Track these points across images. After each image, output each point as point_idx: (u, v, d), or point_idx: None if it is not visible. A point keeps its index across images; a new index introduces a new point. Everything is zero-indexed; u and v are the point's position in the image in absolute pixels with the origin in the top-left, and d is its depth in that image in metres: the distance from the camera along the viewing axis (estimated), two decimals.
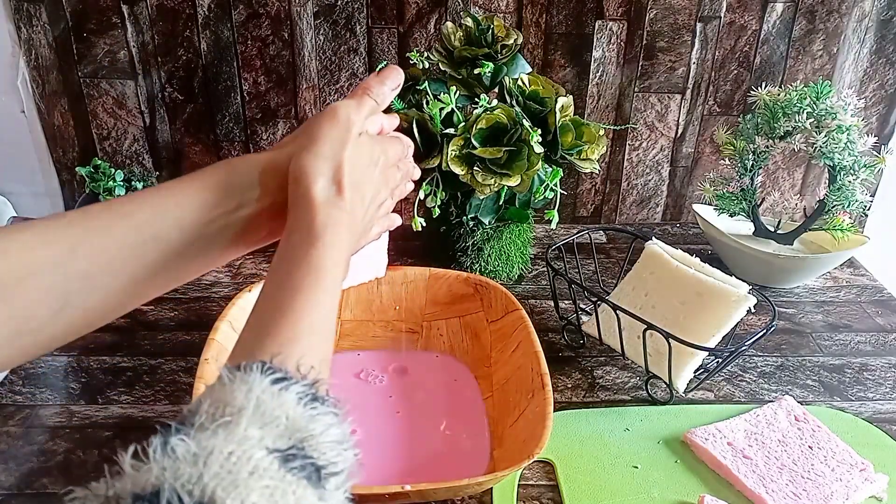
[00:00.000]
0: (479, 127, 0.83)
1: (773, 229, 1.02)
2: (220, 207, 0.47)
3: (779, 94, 0.94)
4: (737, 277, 0.80)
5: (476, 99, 0.87)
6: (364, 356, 0.84)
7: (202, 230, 0.47)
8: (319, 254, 0.44)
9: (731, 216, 1.02)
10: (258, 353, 0.39)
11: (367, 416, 0.76)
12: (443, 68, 0.91)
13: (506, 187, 0.85)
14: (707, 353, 0.76)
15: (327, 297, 0.43)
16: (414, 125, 0.84)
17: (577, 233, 0.94)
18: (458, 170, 0.83)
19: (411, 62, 0.91)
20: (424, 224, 0.88)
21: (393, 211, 0.59)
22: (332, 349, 0.44)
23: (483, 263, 0.98)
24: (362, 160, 0.50)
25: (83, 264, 0.43)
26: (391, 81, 0.54)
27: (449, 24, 0.92)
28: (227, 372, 0.36)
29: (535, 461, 0.69)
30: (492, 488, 0.67)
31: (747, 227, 1.04)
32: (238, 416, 0.33)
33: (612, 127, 1.12)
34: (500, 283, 0.87)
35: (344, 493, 0.35)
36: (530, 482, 0.69)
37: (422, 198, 0.86)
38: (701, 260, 0.83)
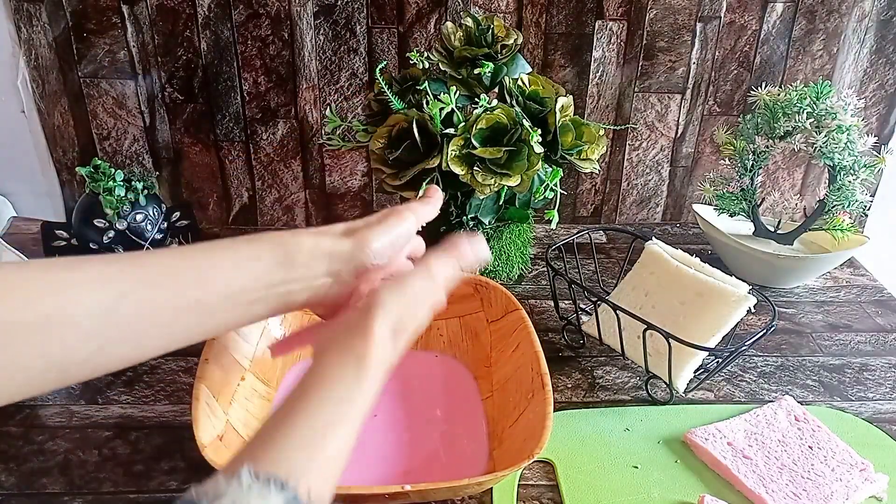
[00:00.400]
0: (479, 127, 0.83)
1: (773, 229, 1.02)
2: (265, 280, 0.49)
3: (779, 94, 0.94)
4: (737, 277, 0.80)
5: (476, 99, 0.87)
6: None
7: (244, 299, 0.48)
8: (362, 389, 0.45)
9: (731, 216, 1.02)
10: (278, 462, 0.40)
11: (367, 416, 0.76)
12: (443, 68, 0.91)
13: (506, 187, 0.85)
14: (707, 353, 0.76)
15: (354, 428, 0.45)
16: (414, 125, 0.84)
17: (577, 233, 0.94)
18: (458, 170, 0.83)
19: (411, 62, 0.91)
20: (425, 224, 0.88)
21: None
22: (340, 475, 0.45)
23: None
24: (423, 313, 0.51)
25: (127, 314, 0.43)
26: (480, 251, 0.56)
27: (449, 24, 0.92)
28: (248, 478, 0.36)
29: (535, 461, 0.69)
30: (492, 488, 0.67)
31: (747, 227, 1.04)
32: None
33: (612, 127, 1.12)
34: (500, 283, 0.87)
35: None
36: (530, 482, 0.69)
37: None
38: (701, 260, 0.83)
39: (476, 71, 0.88)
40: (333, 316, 0.55)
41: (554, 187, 0.89)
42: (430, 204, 0.59)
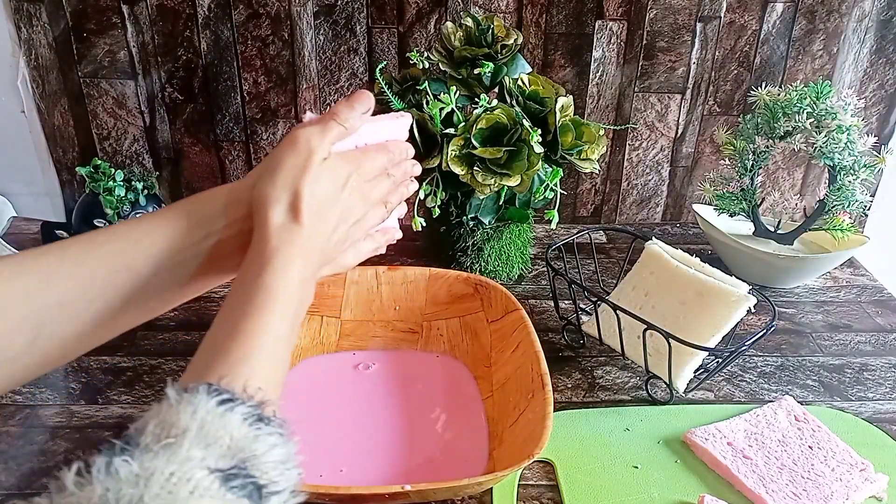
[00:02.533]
0: (479, 127, 0.83)
1: (773, 229, 1.02)
2: (188, 237, 0.49)
3: (779, 94, 0.94)
4: (737, 277, 0.80)
5: (476, 99, 0.87)
6: (364, 356, 0.84)
7: (172, 259, 0.48)
8: (270, 277, 0.45)
9: (731, 216, 1.02)
10: (207, 374, 0.40)
11: (367, 416, 0.76)
12: (443, 68, 0.91)
13: (506, 187, 0.85)
14: (707, 353, 0.76)
15: (278, 320, 0.44)
16: (414, 125, 0.84)
17: (577, 233, 0.94)
18: (458, 170, 0.83)
19: (411, 62, 0.91)
20: (424, 224, 0.88)
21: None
22: (286, 370, 0.45)
23: (483, 263, 0.98)
24: (324, 185, 0.50)
25: (56, 294, 0.44)
26: (360, 105, 0.54)
27: (449, 24, 0.92)
28: (175, 393, 0.37)
29: (535, 461, 0.69)
30: (492, 488, 0.67)
31: (747, 227, 1.04)
32: (181, 437, 0.34)
33: (612, 127, 1.12)
34: (500, 283, 0.87)
35: None
36: (530, 482, 0.69)
37: (422, 198, 0.86)
38: (701, 260, 0.83)
39: (476, 71, 0.88)
40: None
41: (554, 187, 0.89)
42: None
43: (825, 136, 0.89)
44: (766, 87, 0.96)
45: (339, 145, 0.53)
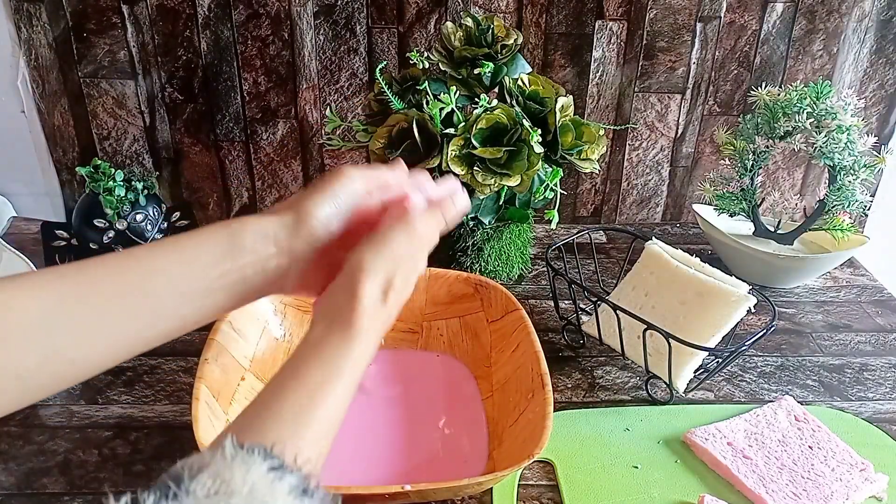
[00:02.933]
0: (479, 127, 0.83)
1: (773, 229, 1.02)
2: (211, 268, 0.48)
3: (779, 94, 0.94)
4: (737, 277, 0.80)
5: (476, 99, 0.87)
6: None
7: (192, 288, 0.47)
8: (351, 356, 0.45)
9: (731, 216, 1.02)
10: (264, 432, 0.40)
11: (367, 416, 0.76)
12: (443, 68, 0.91)
13: (506, 187, 0.85)
14: (707, 353, 0.76)
15: (344, 395, 0.45)
16: (414, 125, 0.84)
17: (577, 233, 0.94)
18: (458, 170, 0.83)
19: (411, 62, 0.91)
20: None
21: None
22: (333, 440, 0.45)
23: (483, 263, 0.98)
24: (414, 267, 0.51)
25: (73, 316, 0.44)
26: (461, 206, 0.56)
27: (449, 24, 0.92)
28: (232, 448, 0.37)
29: (535, 461, 0.69)
30: (492, 488, 0.67)
31: (747, 227, 1.04)
32: (231, 497, 0.34)
33: (612, 127, 1.12)
34: (500, 283, 0.87)
35: None
36: (530, 482, 0.69)
37: None
38: (701, 260, 0.83)
39: (476, 71, 0.88)
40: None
41: (554, 187, 0.89)
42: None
43: (825, 136, 0.89)
44: (766, 87, 0.96)
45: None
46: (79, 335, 0.44)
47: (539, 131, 0.84)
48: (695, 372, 0.78)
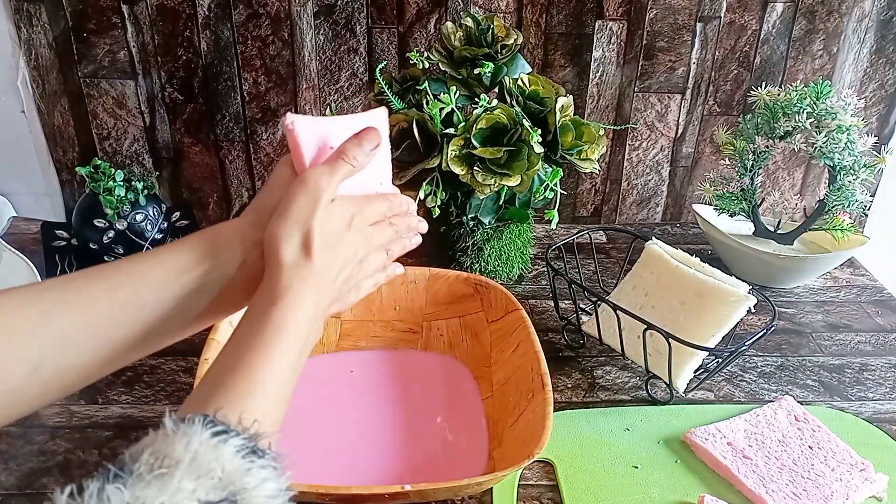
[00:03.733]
0: (479, 127, 0.83)
1: (773, 229, 1.02)
2: (194, 274, 0.50)
3: (779, 94, 0.94)
4: (737, 277, 0.80)
5: (476, 99, 0.87)
6: (364, 356, 0.84)
7: (176, 295, 0.49)
8: (279, 314, 0.46)
9: (731, 216, 1.02)
10: (205, 406, 0.40)
11: (367, 416, 0.76)
12: (443, 68, 0.91)
13: (506, 187, 0.85)
14: (707, 353, 0.76)
15: (283, 356, 0.45)
16: (414, 125, 0.84)
17: (577, 233, 0.94)
18: (458, 170, 0.83)
19: (411, 62, 0.91)
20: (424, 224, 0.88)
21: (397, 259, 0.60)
22: (287, 405, 0.45)
23: (483, 263, 0.98)
24: (333, 224, 0.51)
25: (59, 327, 0.44)
26: (368, 143, 0.54)
27: (449, 24, 0.92)
28: (171, 423, 0.37)
29: (535, 461, 0.69)
30: (492, 488, 0.67)
31: (747, 227, 1.04)
32: (174, 468, 0.35)
33: (612, 127, 1.12)
34: (500, 283, 0.87)
35: None
36: (530, 482, 0.69)
37: (422, 198, 0.86)
38: (701, 260, 0.83)
39: (476, 71, 0.88)
40: None
41: (554, 187, 0.89)
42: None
43: (825, 136, 0.89)
44: (766, 87, 0.96)
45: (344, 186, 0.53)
46: (67, 344, 0.45)
47: (539, 131, 0.84)
48: (695, 372, 0.78)
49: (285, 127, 0.52)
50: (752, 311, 0.77)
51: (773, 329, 0.78)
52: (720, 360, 0.79)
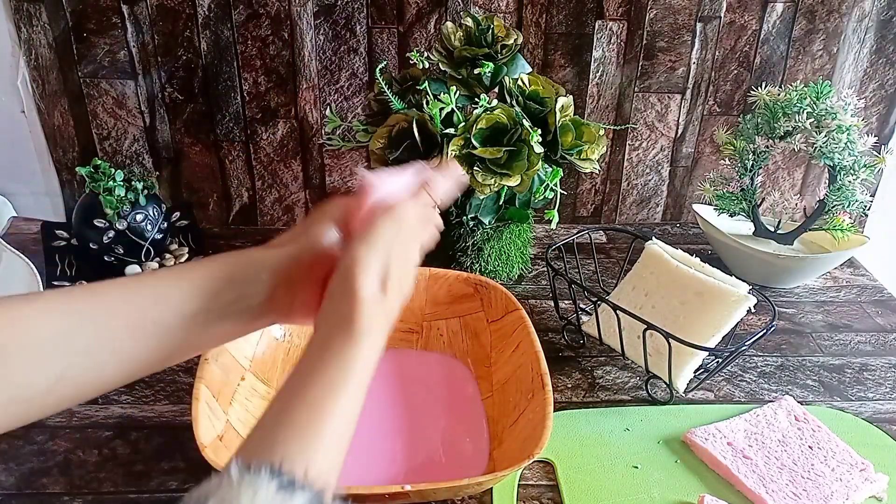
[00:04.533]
0: (479, 127, 0.83)
1: (773, 229, 1.02)
2: (220, 298, 0.48)
3: (779, 94, 0.94)
4: (737, 277, 0.80)
5: (476, 99, 0.87)
6: None
7: (201, 318, 0.48)
8: (356, 355, 0.44)
9: (731, 216, 1.02)
10: (273, 450, 0.39)
11: (367, 416, 0.76)
12: (443, 68, 0.91)
13: (506, 187, 0.85)
14: (707, 352, 0.76)
15: (353, 400, 0.43)
16: (414, 125, 0.84)
17: (577, 233, 0.94)
18: None
19: (411, 62, 0.91)
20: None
21: None
22: (347, 448, 0.43)
23: (483, 263, 0.98)
24: (408, 255, 0.50)
25: (84, 340, 0.43)
26: (453, 178, 0.55)
27: (449, 24, 0.92)
28: (237, 471, 0.36)
29: (535, 461, 0.69)
30: (492, 488, 0.67)
31: (747, 227, 1.04)
32: None
33: (612, 127, 1.12)
34: (500, 283, 0.87)
35: None
36: (530, 482, 0.69)
37: None
38: (701, 260, 0.83)
39: (476, 71, 0.88)
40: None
41: (554, 187, 0.89)
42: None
43: (825, 136, 0.89)
44: (766, 87, 0.96)
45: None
46: (91, 358, 0.44)
47: (539, 131, 0.84)
48: (695, 372, 0.78)
49: (360, 181, 0.52)
50: (753, 311, 0.77)
51: (773, 329, 0.78)
52: (720, 360, 0.79)
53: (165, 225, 0.99)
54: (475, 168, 0.84)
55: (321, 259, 0.51)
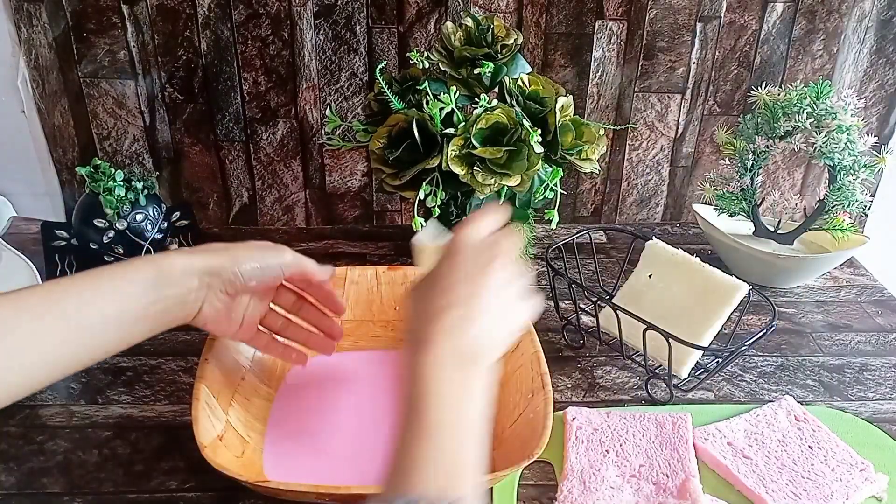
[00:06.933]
0: (479, 127, 0.83)
1: (773, 229, 1.02)
2: (144, 300, 0.53)
3: (779, 94, 0.94)
4: (737, 277, 0.80)
5: (476, 99, 0.87)
6: (364, 356, 0.84)
7: (125, 318, 0.52)
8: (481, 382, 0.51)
9: (731, 216, 1.02)
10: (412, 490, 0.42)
11: (367, 416, 0.76)
12: (443, 68, 0.91)
13: (506, 187, 0.85)
14: (707, 351, 0.76)
15: (479, 424, 0.49)
16: (414, 125, 0.84)
17: (577, 233, 0.94)
18: (458, 170, 0.83)
19: (411, 62, 0.91)
20: (425, 224, 0.88)
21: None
22: (480, 448, 0.47)
23: None
24: (471, 280, 0.53)
25: (10, 347, 0.46)
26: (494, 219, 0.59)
27: (449, 24, 0.92)
28: None
29: (535, 461, 0.69)
30: (492, 488, 0.67)
31: (747, 227, 1.04)
32: None
33: (612, 127, 1.12)
34: None
35: None
36: (530, 482, 0.69)
37: (422, 198, 0.86)
38: (701, 260, 0.83)
39: (476, 71, 0.88)
40: (220, 330, 0.64)
41: (554, 187, 0.89)
42: (316, 269, 0.65)
43: (825, 136, 0.89)
44: (766, 87, 0.96)
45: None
46: (17, 362, 0.47)
47: (539, 131, 0.84)
48: (695, 372, 0.78)
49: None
50: (748, 300, 0.77)
51: (773, 329, 0.78)
52: (720, 360, 0.79)
53: (165, 225, 0.99)
54: (475, 168, 0.84)
55: (238, 282, 0.59)
